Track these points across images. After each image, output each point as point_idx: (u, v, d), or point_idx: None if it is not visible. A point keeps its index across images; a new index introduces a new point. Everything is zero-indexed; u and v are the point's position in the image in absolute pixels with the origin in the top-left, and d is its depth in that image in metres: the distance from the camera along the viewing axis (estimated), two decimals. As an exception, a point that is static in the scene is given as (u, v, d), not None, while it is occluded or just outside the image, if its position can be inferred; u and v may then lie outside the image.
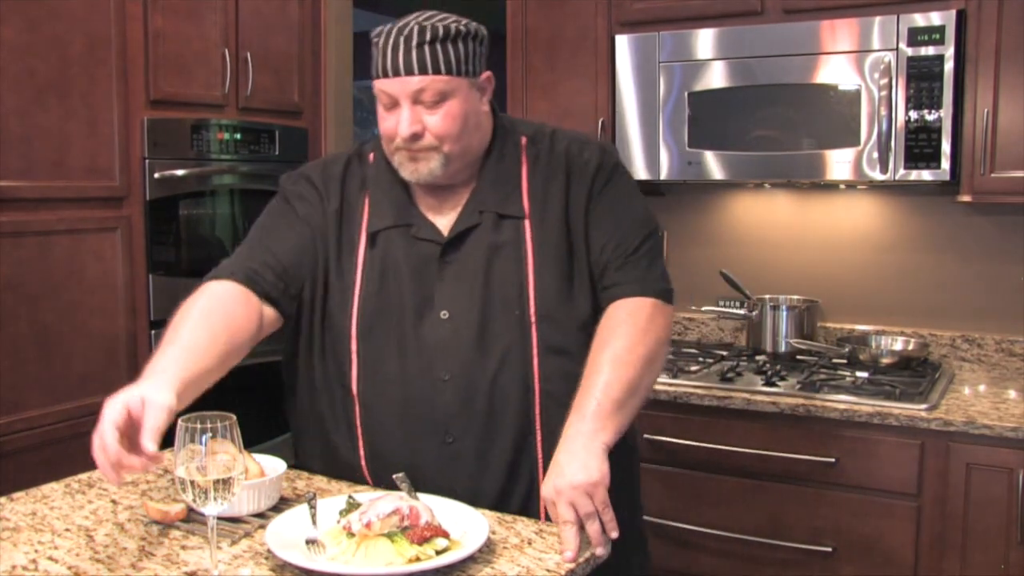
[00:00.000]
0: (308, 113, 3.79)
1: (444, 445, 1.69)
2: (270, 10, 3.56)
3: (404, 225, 1.74)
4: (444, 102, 1.64)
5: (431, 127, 1.65)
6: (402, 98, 1.64)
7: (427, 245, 1.72)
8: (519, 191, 1.75)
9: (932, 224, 3.11)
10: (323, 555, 1.39)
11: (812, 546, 2.62)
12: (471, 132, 1.70)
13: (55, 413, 2.87)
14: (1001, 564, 2.42)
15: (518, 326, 1.69)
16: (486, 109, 1.75)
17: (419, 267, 1.72)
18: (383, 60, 1.65)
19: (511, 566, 1.41)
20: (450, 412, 1.68)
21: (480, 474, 1.70)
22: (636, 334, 1.64)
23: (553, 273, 1.71)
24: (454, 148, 1.67)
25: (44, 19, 2.80)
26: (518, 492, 1.72)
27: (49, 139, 2.83)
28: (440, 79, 1.63)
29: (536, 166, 1.77)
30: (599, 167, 1.77)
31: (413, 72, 1.62)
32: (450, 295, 1.70)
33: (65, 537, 1.53)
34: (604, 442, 1.54)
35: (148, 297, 3.14)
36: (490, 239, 1.72)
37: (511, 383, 1.69)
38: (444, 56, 1.63)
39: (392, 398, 1.71)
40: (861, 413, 2.53)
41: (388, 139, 1.69)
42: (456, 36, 1.64)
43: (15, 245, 2.76)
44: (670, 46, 2.97)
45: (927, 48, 2.64)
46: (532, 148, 1.79)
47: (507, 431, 1.69)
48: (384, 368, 1.71)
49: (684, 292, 3.44)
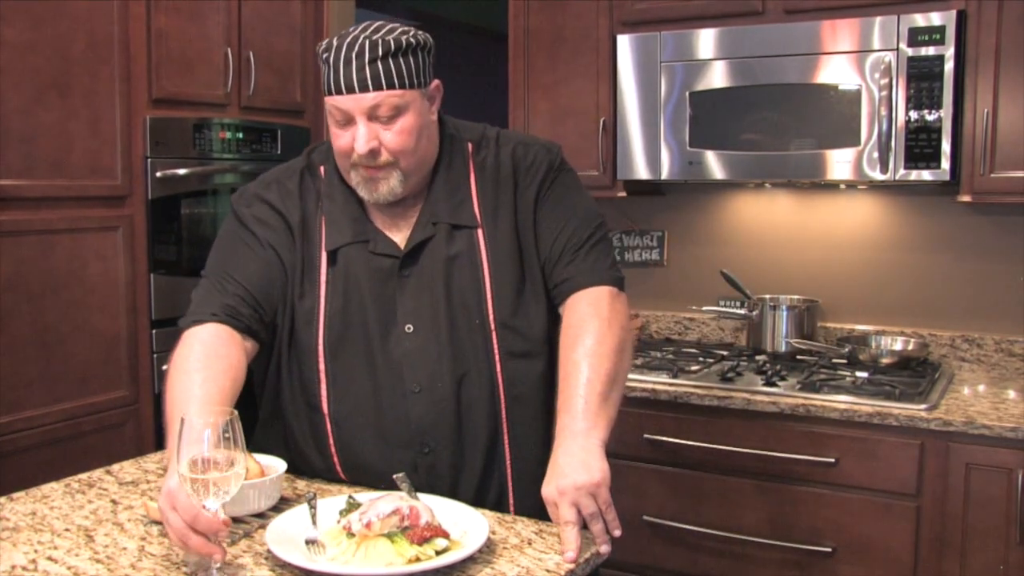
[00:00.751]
0: (310, 112, 3.80)
1: (422, 456, 1.71)
2: (272, 10, 3.57)
3: (361, 241, 1.73)
4: (399, 117, 1.64)
5: (387, 143, 1.65)
6: (357, 115, 1.63)
7: (385, 260, 1.72)
8: (469, 200, 1.76)
9: (932, 224, 3.11)
10: (323, 555, 1.40)
11: (812, 546, 2.63)
12: (425, 145, 1.71)
13: (55, 413, 2.88)
14: (1000, 564, 2.42)
15: (480, 334, 1.71)
16: (435, 119, 1.76)
17: (379, 282, 1.72)
18: (335, 76, 1.64)
19: (511, 566, 1.42)
20: (424, 423, 1.70)
21: (456, 480, 1.73)
22: (603, 325, 1.66)
23: (509, 279, 1.73)
24: (411, 162, 1.68)
25: (46, 18, 2.80)
26: (491, 496, 1.75)
27: (51, 138, 2.84)
28: (394, 94, 1.63)
29: (484, 173, 1.78)
30: (547, 168, 1.79)
31: (368, 88, 1.62)
32: (412, 308, 1.71)
33: (65, 537, 1.53)
34: (600, 439, 1.55)
35: (149, 296, 3.15)
36: (446, 250, 1.73)
37: (478, 390, 1.72)
38: (396, 70, 1.63)
39: (365, 414, 1.72)
40: (861, 413, 2.54)
41: (343, 156, 1.68)
42: (407, 49, 1.64)
43: (16, 244, 2.77)
44: (671, 46, 2.97)
45: (927, 48, 2.64)
46: (478, 155, 1.80)
47: (479, 437, 1.73)
48: (354, 386, 1.72)
49: (684, 292, 3.46)
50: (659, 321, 3.54)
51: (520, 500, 1.75)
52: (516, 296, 1.73)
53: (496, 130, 1.86)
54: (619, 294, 1.75)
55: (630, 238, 3.53)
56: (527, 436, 1.75)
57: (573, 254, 1.75)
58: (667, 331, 3.53)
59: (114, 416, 3.05)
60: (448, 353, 1.70)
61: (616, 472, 1.57)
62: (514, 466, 1.75)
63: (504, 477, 1.75)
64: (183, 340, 1.66)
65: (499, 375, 1.72)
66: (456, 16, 6.57)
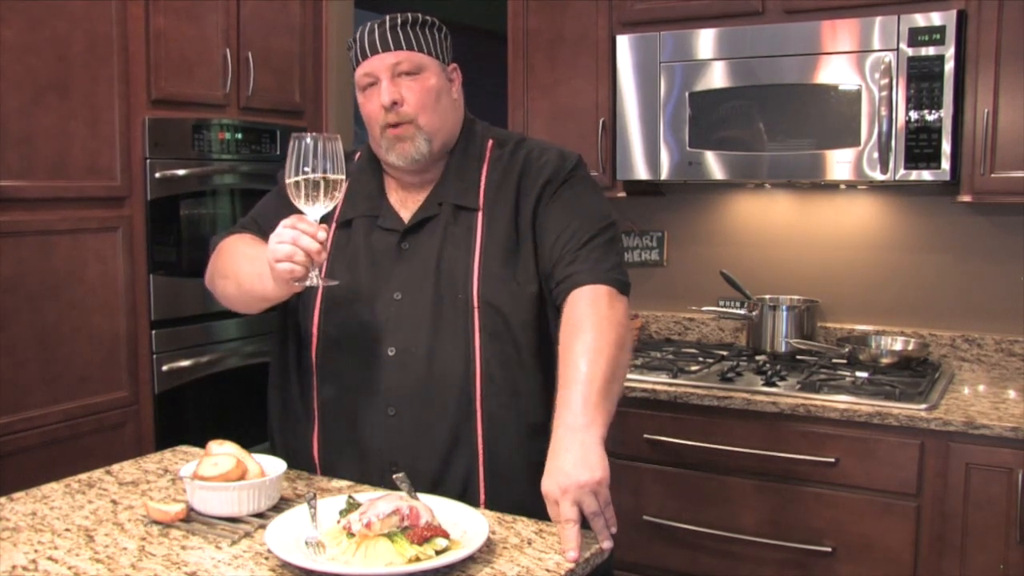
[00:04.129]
0: (309, 113, 3.80)
1: (387, 418, 1.77)
2: (271, 10, 3.56)
3: (371, 216, 1.86)
4: (420, 75, 1.80)
5: (408, 98, 1.79)
6: (381, 72, 1.79)
7: (389, 233, 1.84)
8: (477, 186, 1.84)
9: (932, 224, 3.11)
10: (323, 555, 1.40)
11: (812, 546, 2.62)
12: (445, 112, 1.83)
13: (55, 413, 2.88)
14: (1000, 564, 2.42)
15: (463, 310, 1.77)
16: (457, 99, 1.89)
17: (380, 252, 1.83)
18: (361, 47, 1.81)
19: (511, 566, 1.42)
20: (391, 384, 1.77)
21: (419, 450, 1.76)
22: (601, 322, 1.68)
23: (497, 263, 1.78)
24: (431, 122, 1.80)
25: (45, 19, 2.80)
26: (456, 475, 1.77)
27: (50, 139, 2.83)
28: (415, 54, 1.80)
29: (496, 168, 1.87)
30: (555, 169, 1.85)
31: (389, 48, 1.79)
32: (404, 278, 1.81)
33: (65, 537, 1.53)
34: (599, 435, 1.56)
35: (149, 297, 3.14)
36: (445, 228, 1.82)
37: (453, 362, 1.76)
38: (415, 37, 1.81)
39: (342, 372, 1.81)
40: (861, 413, 2.54)
41: (372, 122, 1.82)
42: (424, 24, 1.83)
43: (16, 245, 2.76)
44: (671, 46, 2.97)
45: (927, 48, 2.64)
46: (497, 151, 1.90)
47: (448, 409, 1.76)
48: (339, 344, 1.82)
49: (684, 292, 3.46)
50: (659, 321, 3.54)
51: (492, 486, 1.76)
52: (502, 280, 1.78)
53: (524, 136, 1.97)
54: (619, 295, 1.75)
55: (630, 238, 3.53)
56: (503, 420, 1.77)
57: (575, 253, 1.77)
58: (667, 331, 3.52)
59: (114, 416, 3.05)
60: (428, 322, 1.77)
61: (616, 472, 1.58)
62: (487, 449, 1.76)
63: (474, 458, 1.77)
64: (219, 245, 1.91)
65: (476, 352, 1.76)
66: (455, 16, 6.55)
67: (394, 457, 1.77)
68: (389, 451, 1.77)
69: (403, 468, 1.71)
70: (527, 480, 1.72)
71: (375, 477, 1.78)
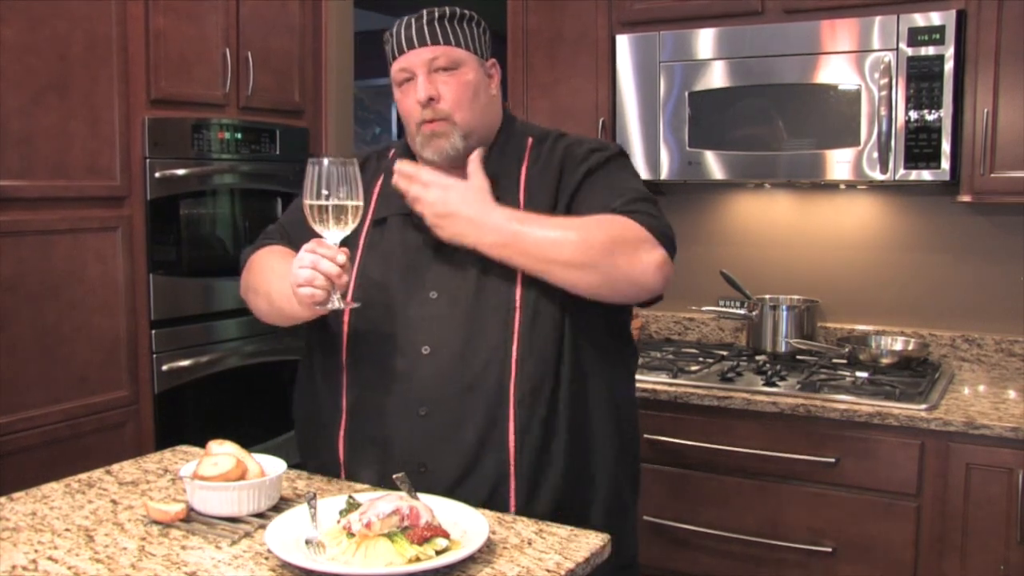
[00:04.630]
0: (309, 113, 3.79)
1: (418, 417, 1.72)
2: (271, 10, 3.56)
3: (405, 213, 1.79)
4: (456, 70, 1.76)
5: (445, 94, 1.75)
6: (417, 68, 1.75)
7: (425, 231, 1.76)
8: (516, 185, 1.80)
9: (932, 224, 3.11)
10: (323, 555, 1.39)
11: (812, 546, 2.62)
12: (482, 108, 1.79)
13: (55, 413, 2.87)
14: (1001, 564, 2.42)
15: (502, 310, 1.72)
16: (495, 94, 1.84)
17: (415, 251, 1.79)
18: (397, 41, 1.78)
19: (511, 566, 1.42)
20: (425, 385, 1.72)
21: (447, 451, 1.72)
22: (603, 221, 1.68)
23: None
24: (467, 119, 1.76)
25: (45, 18, 2.80)
26: (484, 478, 1.71)
27: (50, 139, 2.83)
28: (452, 49, 1.76)
29: (535, 165, 1.83)
30: (595, 158, 1.81)
31: (426, 43, 1.75)
32: (440, 277, 1.76)
33: (65, 537, 1.53)
34: (483, 233, 1.66)
35: (148, 297, 3.14)
36: None
37: (488, 362, 1.71)
38: (453, 31, 1.77)
39: (373, 370, 1.76)
40: (861, 413, 2.54)
41: (409, 118, 1.79)
42: (463, 18, 1.79)
43: (15, 245, 2.76)
44: (670, 46, 2.97)
45: (927, 48, 2.64)
46: (536, 148, 1.85)
47: (480, 411, 1.71)
48: (371, 340, 1.78)
49: (684, 292, 3.46)
50: (659, 321, 3.54)
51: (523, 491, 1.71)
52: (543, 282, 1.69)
53: (564, 132, 1.92)
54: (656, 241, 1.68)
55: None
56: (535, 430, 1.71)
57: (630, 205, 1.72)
58: (667, 331, 3.52)
59: (114, 416, 3.05)
60: (464, 322, 1.72)
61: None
62: (518, 454, 1.70)
63: (505, 464, 1.71)
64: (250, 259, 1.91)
65: (513, 353, 1.70)
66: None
67: (422, 458, 1.72)
68: (418, 451, 1.72)
69: (431, 469, 1.69)
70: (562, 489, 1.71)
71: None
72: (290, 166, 3.68)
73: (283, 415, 3.71)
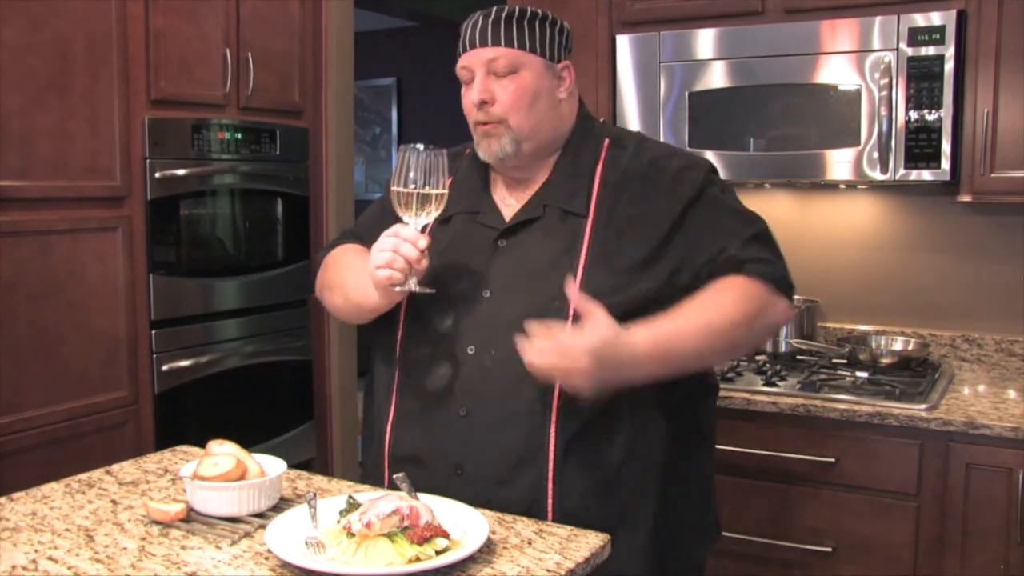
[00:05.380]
0: (309, 113, 3.80)
1: (457, 418, 1.70)
2: (271, 10, 3.57)
3: (472, 212, 1.80)
4: (515, 74, 1.72)
5: (499, 97, 1.72)
6: (476, 68, 1.73)
7: (488, 231, 1.77)
8: (587, 191, 1.74)
9: (932, 224, 3.11)
10: (323, 555, 1.40)
11: (812, 546, 2.62)
12: (542, 113, 1.74)
13: (55, 413, 2.88)
14: (1001, 564, 2.42)
15: (555, 317, 1.64)
16: (564, 98, 1.79)
17: (476, 250, 1.77)
18: (462, 39, 1.76)
19: (511, 566, 1.42)
20: (466, 384, 1.70)
21: (485, 456, 1.68)
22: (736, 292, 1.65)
23: (603, 272, 1.67)
24: (522, 124, 1.72)
25: (45, 19, 2.80)
26: (522, 488, 1.66)
27: (50, 139, 2.83)
28: (513, 51, 1.71)
29: (613, 170, 1.76)
30: (684, 175, 1.74)
31: (487, 43, 1.72)
32: (496, 277, 1.73)
33: (65, 537, 1.53)
34: (635, 376, 1.57)
35: (148, 297, 3.14)
36: (547, 232, 1.73)
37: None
38: (519, 32, 1.72)
39: (422, 366, 1.75)
40: (861, 413, 2.53)
41: (468, 116, 1.77)
42: (534, 18, 1.74)
43: (15, 245, 2.76)
44: (671, 46, 2.97)
45: (927, 48, 2.64)
46: (614, 150, 1.79)
47: (520, 418, 1.66)
48: (422, 338, 1.77)
49: (684, 292, 3.45)
50: (659, 321, 3.53)
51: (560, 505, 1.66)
52: (606, 292, 1.63)
53: (644, 136, 1.87)
54: (777, 291, 1.70)
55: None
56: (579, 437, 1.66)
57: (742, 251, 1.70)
58: (667, 331, 3.52)
59: (114, 416, 3.05)
60: (515, 325, 1.63)
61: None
62: (557, 467, 1.65)
63: (543, 476, 1.65)
64: (326, 258, 1.92)
65: None
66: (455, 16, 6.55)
67: (458, 460, 1.69)
68: (454, 453, 1.69)
69: (467, 473, 1.67)
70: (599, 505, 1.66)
71: (437, 479, 1.69)
72: (290, 166, 3.68)
73: (283, 415, 3.73)
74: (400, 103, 8.51)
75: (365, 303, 1.74)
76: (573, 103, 1.82)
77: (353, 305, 1.79)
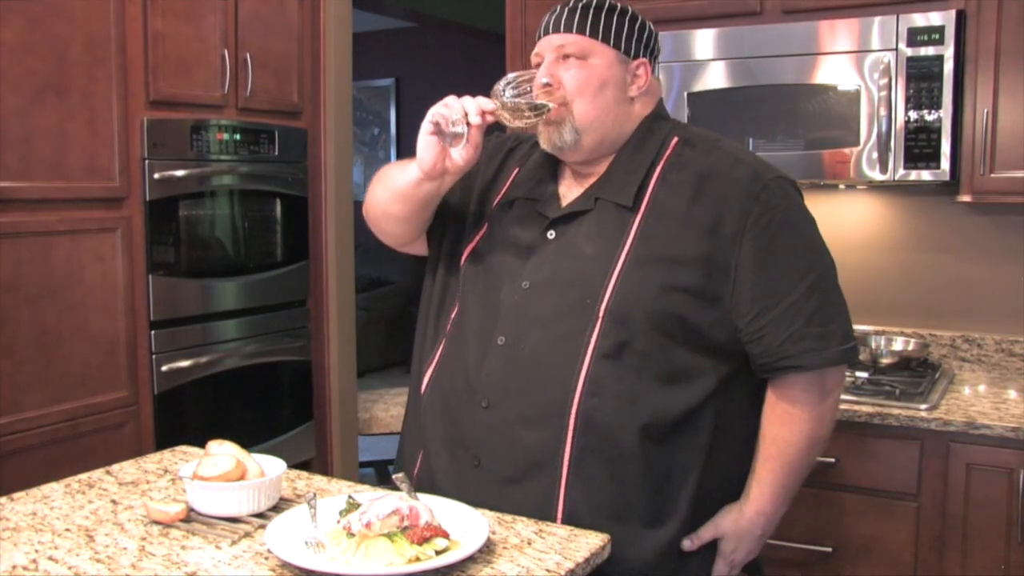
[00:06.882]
0: (308, 113, 3.80)
1: (479, 409, 1.67)
2: (269, 11, 3.57)
3: (532, 199, 1.77)
4: (585, 60, 1.68)
5: (565, 80, 1.68)
6: (546, 53, 1.70)
7: (540, 220, 1.73)
8: (642, 186, 1.67)
9: (932, 224, 3.11)
10: (323, 555, 1.39)
11: (812, 546, 2.62)
12: (607, 105, 1.69)
13: (55, 413, 2.88)
14: (1001, 564, 2.42)
15: (586, 317, 1.61)
16: (635, 96, 1.74)
17: (526, 239, 1.73)
18: (540, 28, 1.74)
19: (511, 566, 1.42)
20: (491, 375, 1.67)
21: (501, 451, 1.65)
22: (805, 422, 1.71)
23: (643, 272, 1.61)
24: (586, 111, 1.67)
25: (44, 19, 2.80)
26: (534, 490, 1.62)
27: (49, 140, 2.83)
28: (584, 39, 1.68)
29: (676, 167, 1.69)
30: (757, 199, 1.63)
31: (560, 30, 1.69)
32: (536, 268, 1.69)
33: (65, 537, 1.53)
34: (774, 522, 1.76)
35: (148, 297, 3.14)
36: (595, 225, 1.67)
37: (556, 367, 1.61)
38: (594, 22, 1.69)
39: (456, 355, 1.74)
40: (861, 413, 2.53)
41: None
42: (612, 10, 1.71)
43: (15, 245, 2.77)
44: (669, 46, 2.97)
45: (927, 48, 2.64)
46: (680, 148, 1.72)
47: (538, 416, 1.62)
48: (461, 324, 1.76)
49: (684, 292, 3.45)
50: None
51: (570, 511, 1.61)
52: (640, 296, 1.59)
53: (722, 139, 1.75)
54: (836, 373, 1.74)
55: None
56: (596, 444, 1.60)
57: (785, 334, 1.64)
58: (666, 332, 3.52)
59: (114, 416, 3.05)
60: (545, 319, 1.63)
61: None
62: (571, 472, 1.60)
63: (556, 480, 1.61)
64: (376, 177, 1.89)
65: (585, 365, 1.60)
66: (454, 16, 6.57)
67: (477, 451, 1.66)
68: (474, 444, 1.66)
69: (484, 466, 1.65)
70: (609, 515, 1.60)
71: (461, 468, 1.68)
72: (289, 167, 3.68)
73: (283, 415, 3.73)
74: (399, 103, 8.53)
75: (404, 182, 1.72)
76: (647, 105, 1.76)
77: (390, 190, 1.78)
